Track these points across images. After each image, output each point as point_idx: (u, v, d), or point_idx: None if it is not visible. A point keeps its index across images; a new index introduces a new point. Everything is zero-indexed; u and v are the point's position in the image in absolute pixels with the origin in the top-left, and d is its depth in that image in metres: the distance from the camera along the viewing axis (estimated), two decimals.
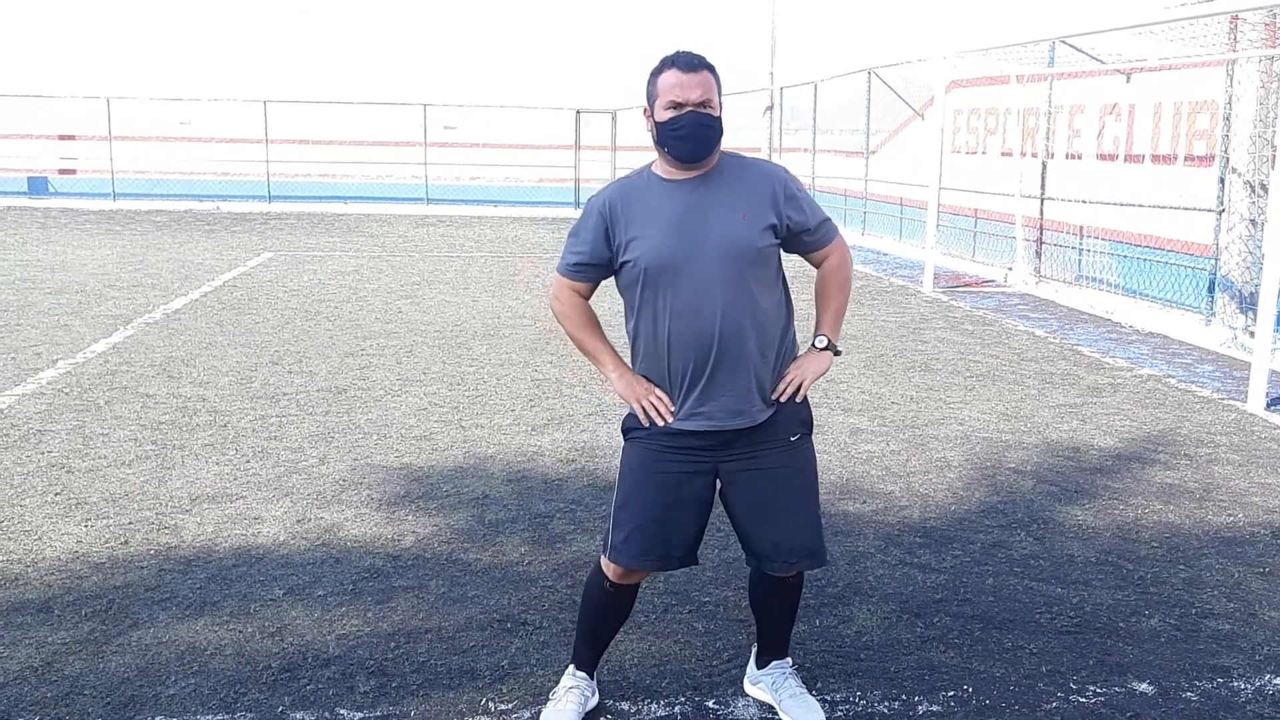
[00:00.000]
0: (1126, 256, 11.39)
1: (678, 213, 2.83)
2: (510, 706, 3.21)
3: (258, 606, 3.83)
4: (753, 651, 3.35)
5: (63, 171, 26.09)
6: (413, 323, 9.56)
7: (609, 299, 3.05)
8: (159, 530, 4.54)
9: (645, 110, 2.89)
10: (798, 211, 2.90)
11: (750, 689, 3.31)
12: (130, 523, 4.61)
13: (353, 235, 18.06)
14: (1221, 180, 9.70)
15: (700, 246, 2.81)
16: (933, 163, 13.15)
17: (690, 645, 3.61)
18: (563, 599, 3.92)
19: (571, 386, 7.19)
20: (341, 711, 3.16)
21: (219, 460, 5.49)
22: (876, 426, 6.33)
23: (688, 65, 2.80)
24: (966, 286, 12.90)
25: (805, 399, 3.02)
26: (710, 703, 3.26)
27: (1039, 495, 5.17)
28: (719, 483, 3.00)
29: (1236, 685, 3.41)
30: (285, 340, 8.62)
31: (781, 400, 2.96)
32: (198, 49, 26.53)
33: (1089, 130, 12.54)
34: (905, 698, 3.30)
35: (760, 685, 3.27)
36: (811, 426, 3.05)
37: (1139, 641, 3.69)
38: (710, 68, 2.83)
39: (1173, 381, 7.79)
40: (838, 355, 3.10)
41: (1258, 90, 9.37)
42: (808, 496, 3.00)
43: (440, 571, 4.16)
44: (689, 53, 2.84)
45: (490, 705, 3.21)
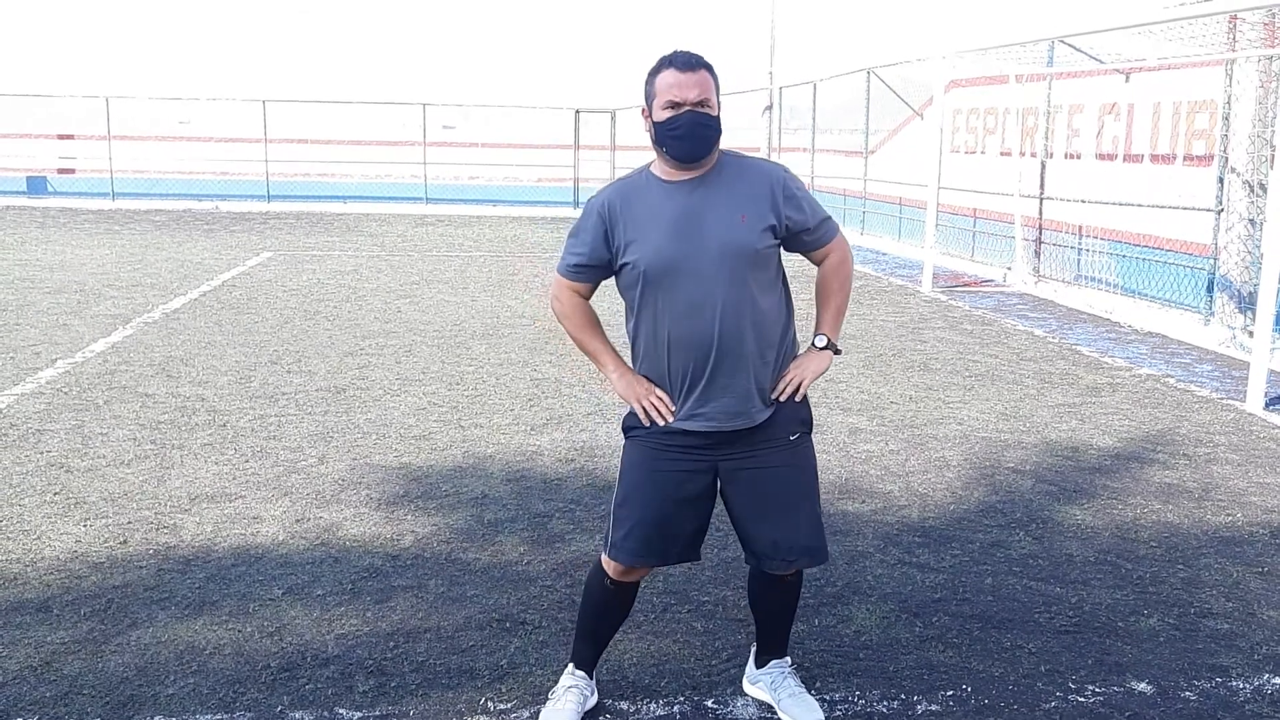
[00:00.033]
0: (1125, 256, 11.40)
1: (676, 215, 2.83)
2: (509, 706, 3.21)
3: (257, 606, 3.83)
4: (752, 651, 3.35)
5: (62, 171, 26.08)
6: (412, 322, 9.56)
7: (609, 299, 3.05)
8: (158, 530, 4.54)
9: (643, 110, 2.89)
10: (797, 211, 2.90)
11: (749, 688, 3.31)
12: (129, 522, 4.61)
13: (352, 235, 18.05)
14: (1220, 180, 9.70)
15: (699, 249, 2.80)
16: (932, 162, 13.15)
17: (689, 645, 3.61)
18: (562, 598, 3.92)
19: (571, 386, 7.19)
20: (340, 711, 3.16)
21: (218, 460, 5.49)
22: (875, 426, 6.34)
23: (685, 65, 2.79)
24: (965, 286, 12.90)
25: (805, 398, 3.02)
26: (709, 702, 3.26)
27: (1038, 495, 5.17)
28: (719, 480, 3.01)
29: (1235, 685, 3.41)
30: (284, 340, 8.62)
31: (781, 400, 2.96)
32: (197, 48, 26.54)
33: (1088, 130, 12.55)
34: (904, 697, 3.30)
35: (759, 684, 3.28)
36: (811, 425, 3.06)
37: (1138, 641, 3.69)
38: (708, 67, 2.83)
39: (1171, 381, 7.79)
40: (837, 354, 3.10)
41: (1257, 90, 9.37)
42: (807, 495, 3.01)
43: (439, 571, 4.16)
44: (686, 52, 2.83)
45: (489, 705, 3.21)
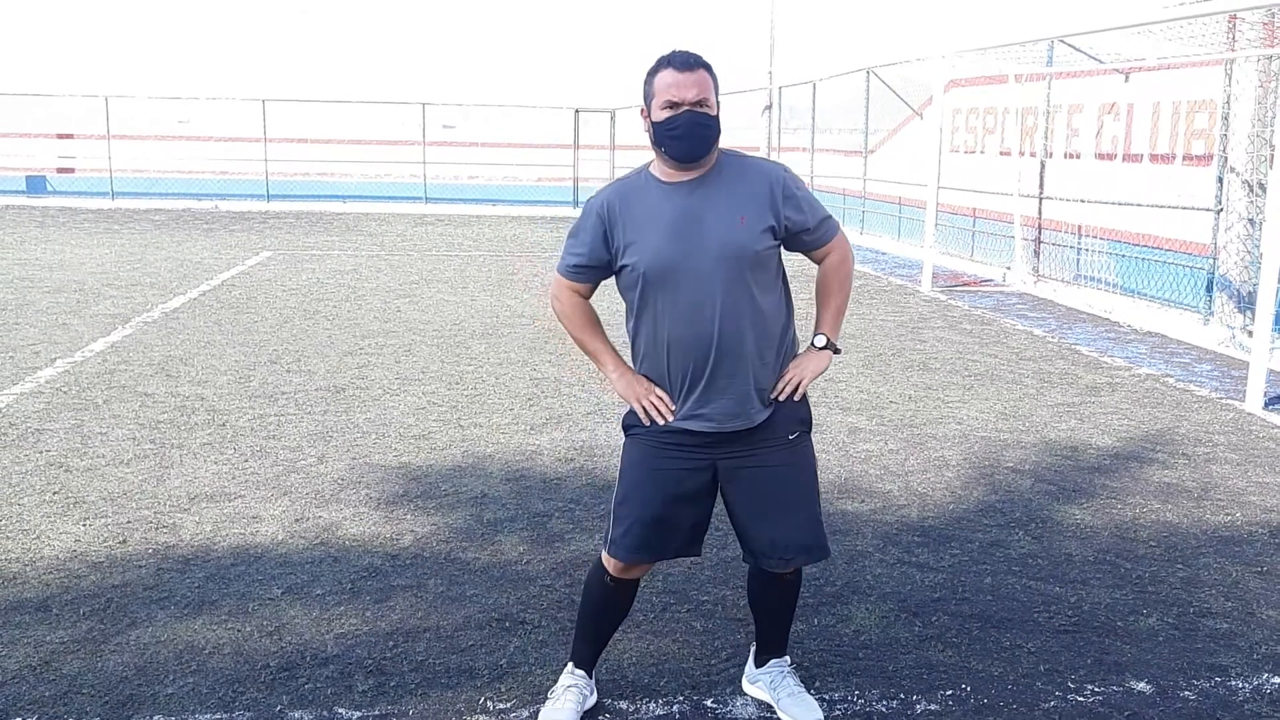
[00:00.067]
0: (1125, 256, 11.40)
1: (676, 217, 2.83)
2: (509, 705, 3.21)
3: (256, 605, 3.83)
4: (751, 650, 3.35)
5: (61, 170, 26.06)
6: (411, 322, 9.56)
7: (610, 298, 3.05)
8: (157, 529, 4.54)
9: (642, 110, 2.88)
10: (796, 211, 2.90)
11: (748, 688, 3.31)
12: (128, 522, 4.61)
13: (351, 234, 18.05)
14: (1220, 179, 9.71)
15: (698, 251, 2.80)
16: (931, 162, 13.15)
17: (689, 644, 3.61)
18: (561, 598, 3.92)
19: (570, 385, 7.19)
20: (340, 710, 3.16)
21: (217, 459, 5.49)
22: (875, 425, 6.34)
23: (683, 64, 2.79)
24: (965, 286, 12.90)
25: (805, 397, 3.02)
26: (709, 701, 3.26)
27: (1037, 494, 5.17)
28: (718, 478, 3.01)
29: (1234, 684, 3.42)
30: (283, 339, 8.61)
31: (780, 400, 2.96)
32: (196, 48, 26.52)
33: (1087, 129, 12.55)
34: (903, 696, 3.30)
35: (758, 684, 3.28)
36: (810, 424, 3.06)
37: (1137, 640, 3.70)
38: (706, 66, 2.82)
39: (1171, 381, 7.79)
40: (837, 354, 3.10)
41: (1256, 89, 9.37)
42: (806, 494, 3.01)
43: (439, 570, 4.16)
44: (685, 52, 2.83)
45: (489, 704, 3.21)
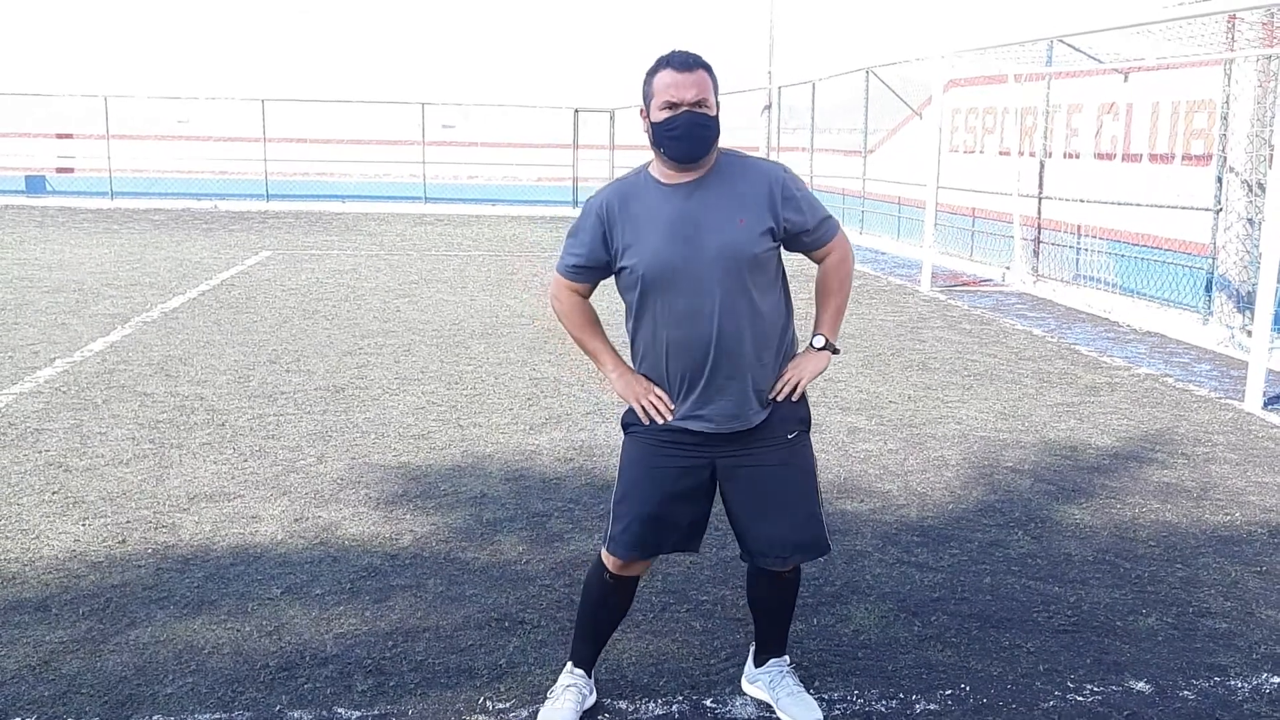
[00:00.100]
0: (1124, 255, 11.40)
1: (675, 219, 2.82)
2: (508, 705, 3.21)
3: (255, 605, 3.83)
4: (750, 650, 3.36)
5: (60, 170, 26.05)
6: (410, 321, 9.56)
7: (610, 298, 3.05)
8: (156, 529, 4.54)
9: (642, 110, 2.88)
10: (796, 213, 2.89)
11: (748, 687, 3.31)
12: (128, 521, 4.61)
13: (351, 234, 18.05)
14: (1219, 179, 9.71)
15: (697, 254, 2.80)
16: (931, 162, 13.15)
17: (688, 644, 3.61)
18: (560, 598, 3.92)
19: (570, 385, 7.19)
20: (339, 710, 3.16)
21: (216, 459, 5.49)
22: (874, 425, 6.34)
23: (682, 65, 2.78)
24: (964, 285, 12.91)
25: (804, 397, 3.03)
26: (708, 701, 3.26)
27: (1036, 494, 5.17)
28: (717, 476, 3.02)
29: (1233, 684, 3.42)
30: (283, 339, 8.61)
31: (778, 400, 2.97)
32: (196, 47, 26.50)
33: (1087, 129, 12.55)
34: (903, 696, 3.30)
35: (758, 684, 3.28)
36: (809, 424, 3.06)
37: (1136, 640, 3.70)
38: (706, 66, 2.81)
39: (1170, 380, 7.79)
40: (835, 354, 3.10)
41: (1255, 89, 9.37)
42: (804, 493, 3.01)
43: (438, 570, 4.16)
44: (684, 52, 2.82)
45: (488, 704, 3.21)
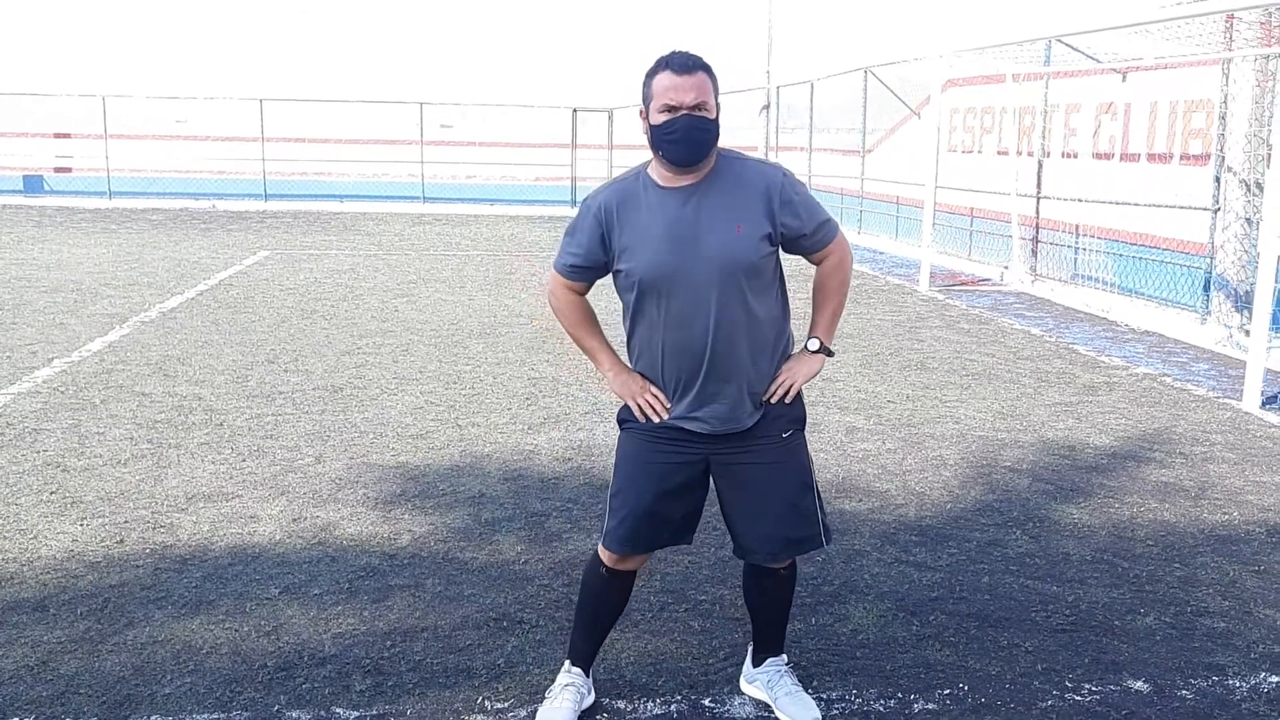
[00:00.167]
0: (1122, 255, 11.41)
1: (672, 224, 2.82)
2: (507, 705, 3.21)
3: (254, 605, 3.83)
4: (749, 650, 3.36)
5: (58, 170, 26.02)
6: (409, 321, 9.56)
7: (608, 297, 3.05)
8: (155, 529, 4.54)
9: (641, 111, 2.87)
10: (794, 218, 2.88)
11: (746, 687, 3.31)
12: (126, 521, 4.61)
13: (349, 234, 18.04)
14: (1217, 179, 9.71)
15: (695, 260, 2.80)
16: (929, 161, 13.15)
17: (686, 644, 3.61)
18: (559, 597, 3.92)
19: (568, 385, 7.19)
20: (338, 710, 3.16)
21: (215, 459, 5.49)
22: (873, 425, 6.34)
23: (682, 67, 2.76)
24: (962, 285, 12.91)
25: (799, 396, 3.03)
26: (706, 701, 3.26)
27: (1035, 494, 5.18)
28: (711, 471, 3.03)
29: (1231, 683, 3.42)
30: (281, 339, 8.61)
31: (772, 402, 2.98)
32: (194, 47, 26.47)
33: (1085, 129, 12.55)
34: (901, 696, 3.30)
35: (756, 683, 3.28)
36: (804, 422, 3.07)
37: (1134, 639, 3.70)
38: (706, 68, 2.79)
39: (1168, 380, 7.80)
40: (830, 356, 3.10)
41: (1253, 89, 9.38)
42: (799, 491, 3.01)
43: (436, 570, 4.16)
44: (684, 53, 2.80)
45: (486, 704, 3.21)
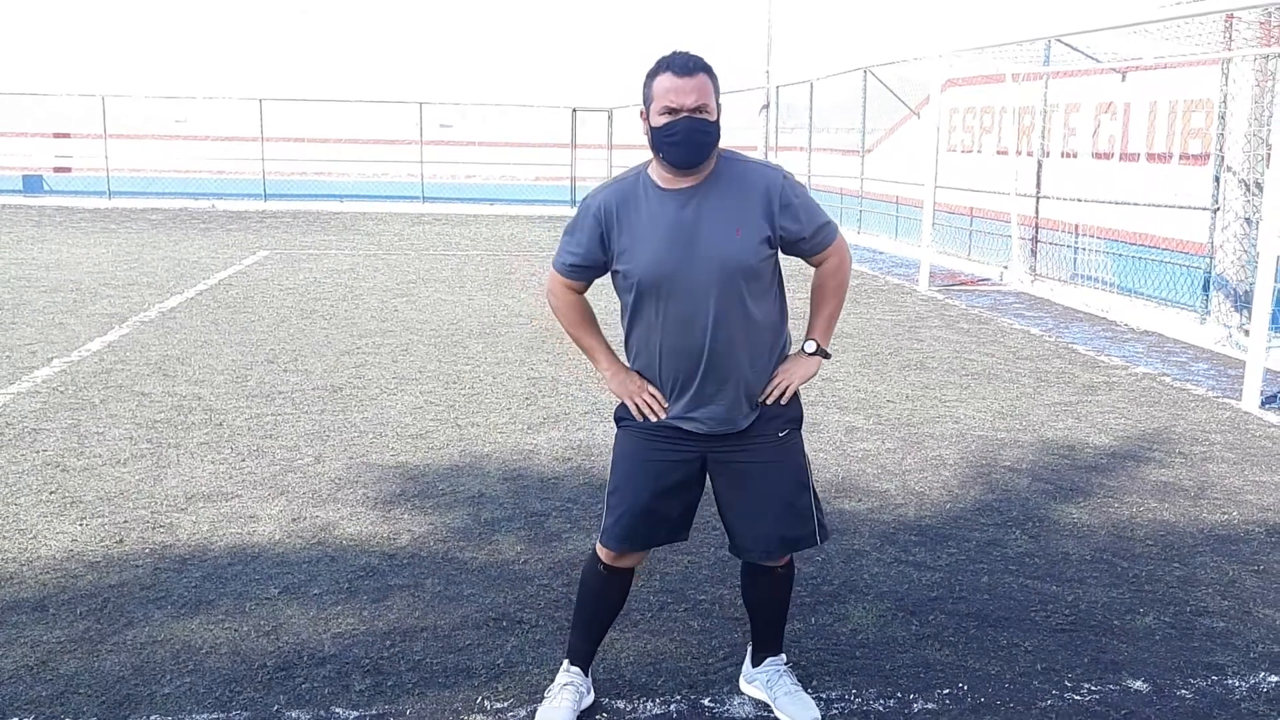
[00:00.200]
0: (1122, 255, 11.41)
1: (672, 227, 2.82)
2: (506, 704, 3.21)
3: (253, 605, 3.83)
4: (748, 649, 3.36)
5: (58, 169, 26.01)
6: (408, 321, 9.55)
7: (607, 296, 3.05)
8: (154, 529, 4.53)
9: (641, 112, 2.86)
10: (793, 221, 2.88)
11: (745, 687, 3.31)
12: (125, 521, 4.61)
13: (348, 233, 18.04)
14: (1216, 179, 9.71)
15: (694, 264, 2.80)
16: (929, 161, 13.15)
17: (686, 643, 3.61)
18: (558, 597, 3.92)
19: (568, 385, 7.19)
20: (337, 710, 3.16)
21: (214, 459, 5.49)
22: (872, 425, 6.34)
23: (683, 69, 2.74)
24: (962, 285, 12.91)
25: (796, 396, 3.03)
26: (706, 700, 3.26)
27: (1034, 493, 5.18)
28: (708, 469, 3.04)
29: (1231, 683, 3.42)
30: (280, 339, 8.61)
31: (767, 404, 2.98)
32: (193, 47, 26.46)
33: (1084, 129, 12.55)
34: (900, 695, 3.30)
35: (755, 683, 3.28)
36: (801, 421, 3.08)
37: (1134, 639, 3.70)
38: (707, 69, 2.78)
39: (1168, 380, 7.80)
40: (826, 358, 3.11)
41: (1253, 89, 9.38)
42: (795, 490, 3.02)
43: (436, 570, 4.16)
44: (685, 55, 2.78)
45: (486, 703, 3.21)
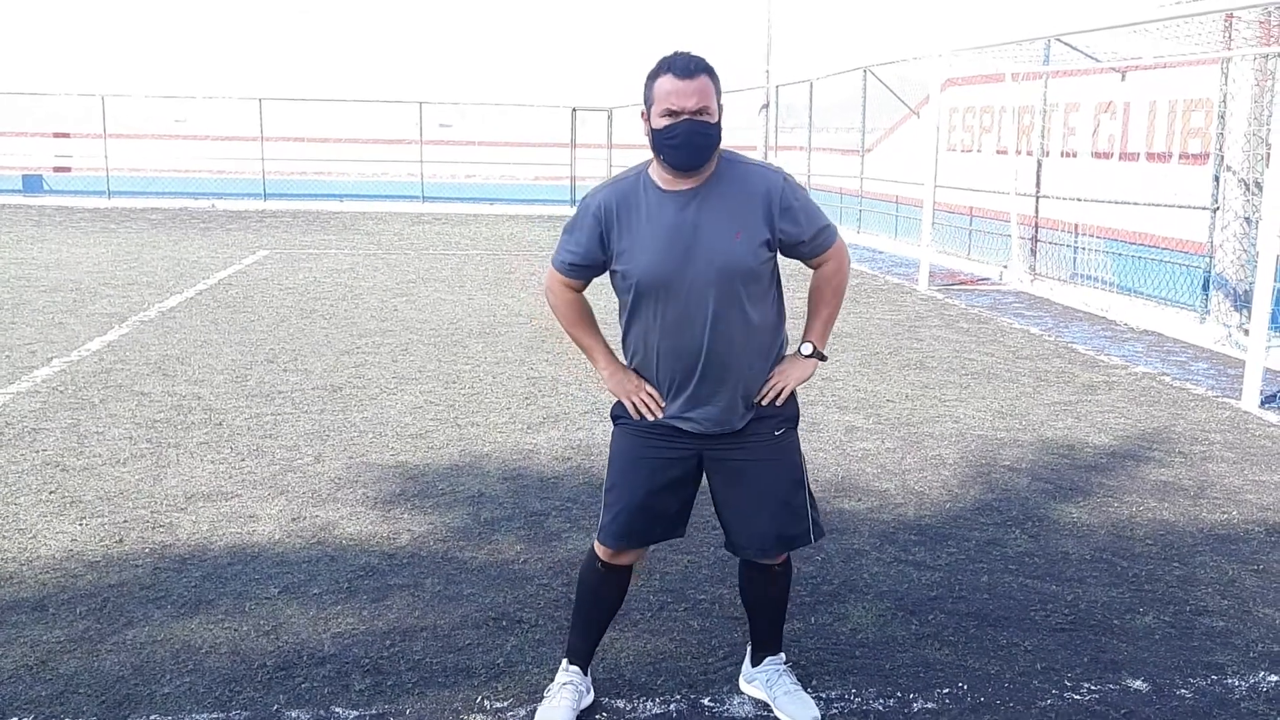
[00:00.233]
0: (1121, 254, 11.41)
1: (671, 229, 2.82)
2: (506, 704, 3.21)
3: (253, 605, 3.83)
4: (748, 649, 3.36)
5: (58, 169, 26.00)
6: (408, 321, 9.55)
7: (606, 295, 3.05)
8: (154, 528, 4.53)
9: (643, 113, 2.85)
10: (792, 224, 2.88)
11: (745, 686, 3.31)
12: (125, 521, 4.61)
13: (348, 233, 18.04)
14: (1216, 178, 9.71)
15: (693, 266, 2.80)
16: (928, 161, 13.15)
17: (685, 643, 3.61)
18: (558, 596, 3.92)
19: (567, 384, 7.19)
20: (337, 710, 3.16)
21: (214, 458, 5.49)
22: (872, 424, 6.34)
23: (684, 71, 2.73)
24: (962, 284, 12.91)
25: (792, 395, 3.03)
26: (706, 700, 3.26)
27: (1034, 493, 5.18)
28: (704, 466, 3.04)
29: (1231, 682, 3.42)
30: (280, 338, 8.61)
31: (763, 405, 2.98)
32: (193, 46, 26.45)
33: (1084, 128, 12.55)
34: (900, 695, 3.30)
35: (755, 683, 3.28)
36: (797, 420, 3.08)
37: (1133, 639, 3.70)
38: (709, 71, 2.76)
39: (1167, 379, 7.80)
40: (823, 361, 3.11)
41: (1252, 88, 9.38)
42: (790, 488, 3.02)
43: (436, 569, 4.16)
44: (687, 56, 2.76)
45: (485, 703, 3.21)
